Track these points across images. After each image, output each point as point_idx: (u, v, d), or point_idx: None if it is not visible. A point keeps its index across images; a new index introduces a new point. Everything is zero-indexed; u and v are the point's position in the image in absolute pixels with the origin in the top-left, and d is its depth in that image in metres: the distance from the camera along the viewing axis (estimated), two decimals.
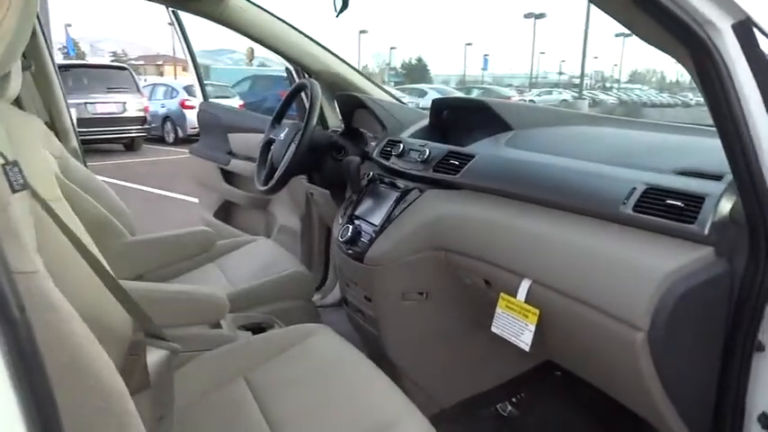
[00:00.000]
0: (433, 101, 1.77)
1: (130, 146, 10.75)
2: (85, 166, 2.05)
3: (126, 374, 1.14)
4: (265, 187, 1.86)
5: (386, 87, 2.28)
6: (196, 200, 3.30)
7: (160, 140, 11.83)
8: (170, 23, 2.92)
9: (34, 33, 1.92)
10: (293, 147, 1.79)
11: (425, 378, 1.62)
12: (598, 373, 1.18)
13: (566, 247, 1.09)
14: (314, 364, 1.21)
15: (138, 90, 10.62)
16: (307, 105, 1.80)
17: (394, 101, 2.12)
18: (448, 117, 1.78)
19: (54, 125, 2.06)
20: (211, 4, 2.01)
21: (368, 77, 2.35)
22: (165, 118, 11.91)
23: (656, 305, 0.91)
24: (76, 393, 0.66)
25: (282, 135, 1.93)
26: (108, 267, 1.12)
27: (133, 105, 10.35)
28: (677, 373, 0.96)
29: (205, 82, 3.37)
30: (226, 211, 3.01)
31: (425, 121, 1.83)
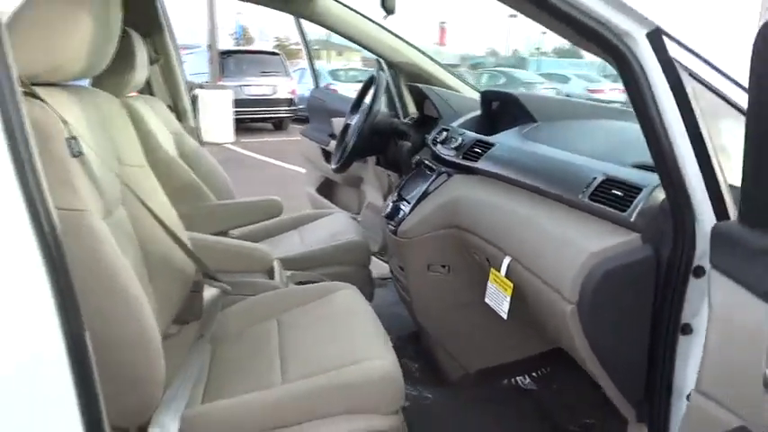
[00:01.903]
0: (482, 93, 1.92)
1: (279, 125, 11.70)
2: (200, 142, 2.46)
3: (187, 305, 1.49)
4: (335, 166, 2.14)
5: (463, 77, 2.42)
6: None
7: (306, 121, 12.70)
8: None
9: (163, 34, 2.36)
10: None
11: (450, 344, 1.80)
12: (556, 340, 1.30)
13: (534, 228, 1.22)
14: (329, 312, 1.45)
15: (288, 74, 11.51)
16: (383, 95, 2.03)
17: (459, 92, 2.27)
18: (498, 108, 1.91)
19: (176, 107, 2.50)
20: (302, 4, 2.30)
21: (446, 68, 2.52)
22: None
23: (583, 280, 1.03)
24: (103, 293, 0.97)
25: (354, 120, 2.18)
26: (175, 222, 1.45)
27: (283, 88, 11.24)
28: (608, 346, 1.07)
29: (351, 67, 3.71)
30: (326, 188, 3.35)
31: (479, 112, 1.98)
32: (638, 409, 1.10)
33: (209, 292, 1.53)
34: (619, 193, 1.05)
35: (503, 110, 1.88)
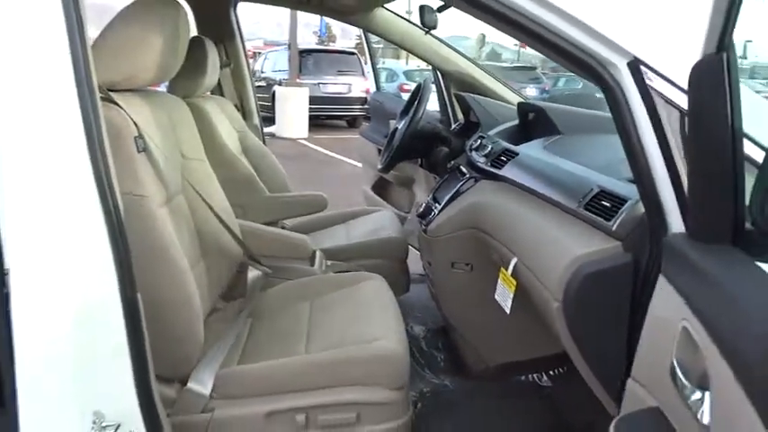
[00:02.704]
0: (518, 104, 2.02)
1: (352, 123, 12.01)
2: (263, 140, 2.70)
3: (232, 284, 1.70)
4: (380, 167, 2.31)
5: (510, 85, 2.52)
6: None
7: None
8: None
9: (235, 40, 2.62)
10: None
11: (473, 337, 1.93)
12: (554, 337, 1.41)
13: (535, 231, 1.34)
14: (356, 298, 1.62)
15: (363, 73, 11.80)
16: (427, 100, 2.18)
17: (507, 100, 2.37)
18: (534, 119, 2.02)
19: (242, 107, 2.75)
20: (361, 16, 2.48)
21: (496, 77, 2.63)
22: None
23: (567, 281, 1.14)
24: (154, 264, 1.18)
25: (401, 125, 2.34)
26: (227, 209, 1.67)
27: (357, 87, 11.55)
28: (590, 343, 1.17)
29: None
30: (380, 186, 3.52)
31: (517, 121, 2.09)
32: (618, 403, 1.20)
33: (252, 274, 1.74)
34: (607, 204, 1.16)
35: (538, 120, 1.98)
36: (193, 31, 1.89)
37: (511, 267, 1.43)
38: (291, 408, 1.27)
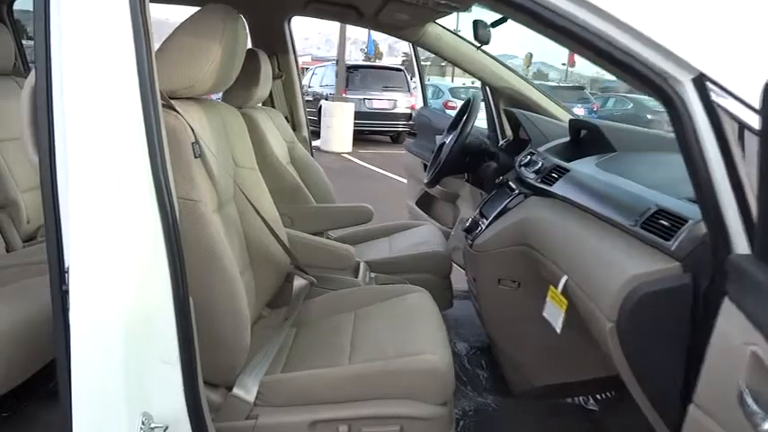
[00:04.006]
0: (570, 121, 1.99)
1: (396, 139, 12.08)
2: (311, 152, 2.73)
3: (279, 293, 1.71)
4: (427, 181, 2.30)
5: (560, 103, 2.49)
6: None
7: None
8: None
9: (288, 54, 2.67)
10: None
11: (517, 356, 1.89)
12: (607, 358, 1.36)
13: (588, 249, 1.31)
14: (400, 310, 1.61)
15: (409, 90, 11.87)
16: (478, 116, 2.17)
17: (557, 118, 2.34)
18: (586, 136, 1.98)
19: (292, 119, 2.79)
20: (415, 31, 2.50)
21: (547, 94, 2.59)
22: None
23: (622, 301, 1.10)
24: (205, 271, 1.20)
25: (449, 140, 2.33)
26: (276, 218, 1.69)
27: (402, 103, 11.62)
28: (644, 366, 1.13)
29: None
30: (424, 201, 3.51)
31: (568, 138, 2.05)
32: (673, 429, 1.15)
33: (297, 283, 1.75)
34: (666, 224, 1.12)
35: (590, 138, 1.94)
36: (248, 44, 1.94)
37: (561, 285, 1.39)
38: (335, 418, 1.27)
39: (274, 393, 1.29)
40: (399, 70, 12.51)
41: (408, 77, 12.22)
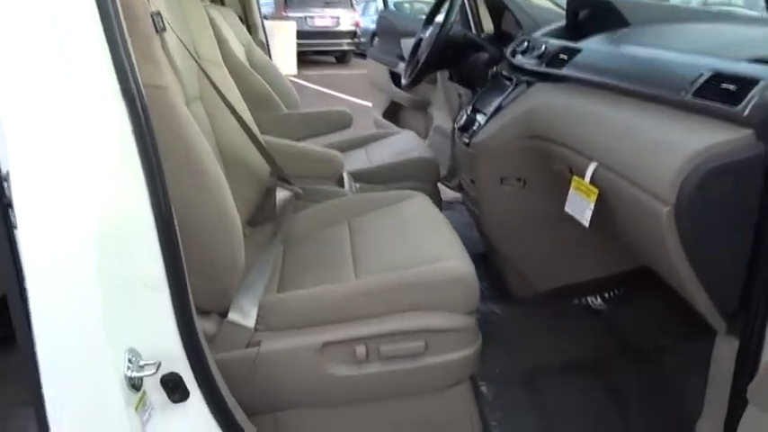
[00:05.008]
0: (568, 1, 1.79)
1: (342, 58, 11.55)
2: (269, 55, 2.44)
3: (260, 209, 1.50)
4: (406, 82, 2.08)
5: None
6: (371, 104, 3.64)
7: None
8: None
9: None
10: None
11: (521, 262, 1.76)
12: (642, 250, 1.24)
13: (627, 131, 1.14)
14: (401, 218, 1.44)
15: (352, 5, 11.26)
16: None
17: (543, 4, 2.13)
18: (585, 17, 1.78)
19: (246, 20, 2.47)
20: None
21: None
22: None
23: (683, 180, 0.95)
24: (184, 174, 0.98)
25: (427, 34, 2.10)
26: (251, 123, 1.45)
27: (346, 20, 11.03)
28: (704, 251, 1.00)
29: None
30: (393, 112, 3.29)
31: (563, 22, 1.85)
32: (730, 321, 1.04)
33: (280, 195, 1.53)
34: (730, 88, 0.96)
35: (590, 18, 1.75)
36: None
37: (589, 174, 1.24)
38: (349, 338, 1.10)
39: (276, 316, 1.11)
40: None
41: None
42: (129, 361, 0.82)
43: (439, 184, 2.21)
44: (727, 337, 1.06)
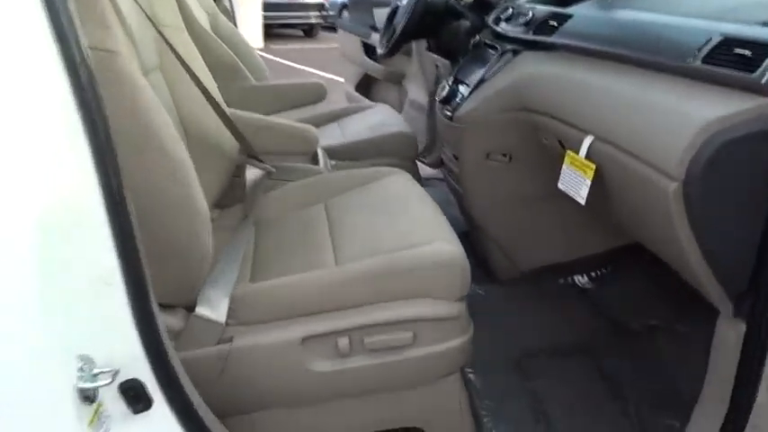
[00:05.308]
0: None
1: (309, 32, 11.24)
2: (235, 24, 2.29)
3: (228, 190, 1.38)
4: (382, 51, 1.96)
5: None
6: (342, 80, 3.51)
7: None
8: None
9: None
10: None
11: (507, 241, 1.69)
12: (642, 228, 1.17)
13: (627, 101, 1.06)
14: (382, 196, 1.34)
15: None
16: None
17: None
18: None
19: None
20: None
21: None
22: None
23: (694, 155, 0.88)
24: (141, 151, 0.86)
25: (404, 2, 1.98)
26: (216, 94, 1.32)
27: None
28: (713, 230, 0.93)
29: None
30: (366, 86, 3.16)
31: None
32: (737, 303, 0.98)
33: (250, 174, 1.42)
34: (744, 53, 0.88)
35: None
36: None
37: (584, 148, 1.16)
38: (331, 330, 1.01)
39: (250, 308, 1.01)
40: None
41: None
42: (81, 369, 0.71)
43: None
44: (732, 320, 1.00)
